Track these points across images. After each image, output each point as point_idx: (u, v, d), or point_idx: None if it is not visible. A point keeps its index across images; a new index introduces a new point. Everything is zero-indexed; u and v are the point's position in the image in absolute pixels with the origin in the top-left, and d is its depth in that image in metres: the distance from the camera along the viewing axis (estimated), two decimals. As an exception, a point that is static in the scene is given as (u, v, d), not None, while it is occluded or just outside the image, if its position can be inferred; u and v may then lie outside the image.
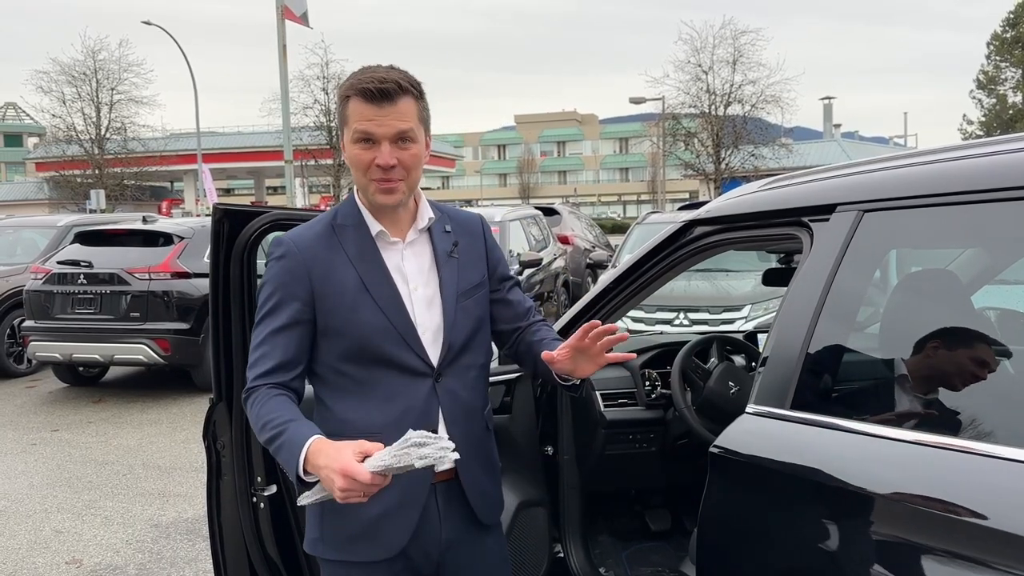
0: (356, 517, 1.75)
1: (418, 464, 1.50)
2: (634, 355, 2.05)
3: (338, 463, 1.51)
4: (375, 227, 1.81)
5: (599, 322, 1.71)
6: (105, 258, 7.92)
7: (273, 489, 2.45)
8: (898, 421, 1.68)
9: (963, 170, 1.65)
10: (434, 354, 1.81)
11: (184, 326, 7.69)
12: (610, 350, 1.73)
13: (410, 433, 1.53)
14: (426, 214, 1.86)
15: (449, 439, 1.57)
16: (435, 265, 1.85)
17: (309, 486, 1.59)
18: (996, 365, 1.93)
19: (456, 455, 1.53)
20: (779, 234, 2.05)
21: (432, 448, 1.51)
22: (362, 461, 1.52)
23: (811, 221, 1.89)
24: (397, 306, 1.78)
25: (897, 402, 1.72)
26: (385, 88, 1.70)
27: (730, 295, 7.40)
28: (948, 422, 1.60)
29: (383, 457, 1.52)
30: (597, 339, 1.69)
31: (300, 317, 1.77)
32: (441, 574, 1.88)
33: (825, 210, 1.86)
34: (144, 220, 8.92)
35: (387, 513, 1.77)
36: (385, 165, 1.72)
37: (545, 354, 1.76)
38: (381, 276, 1.79)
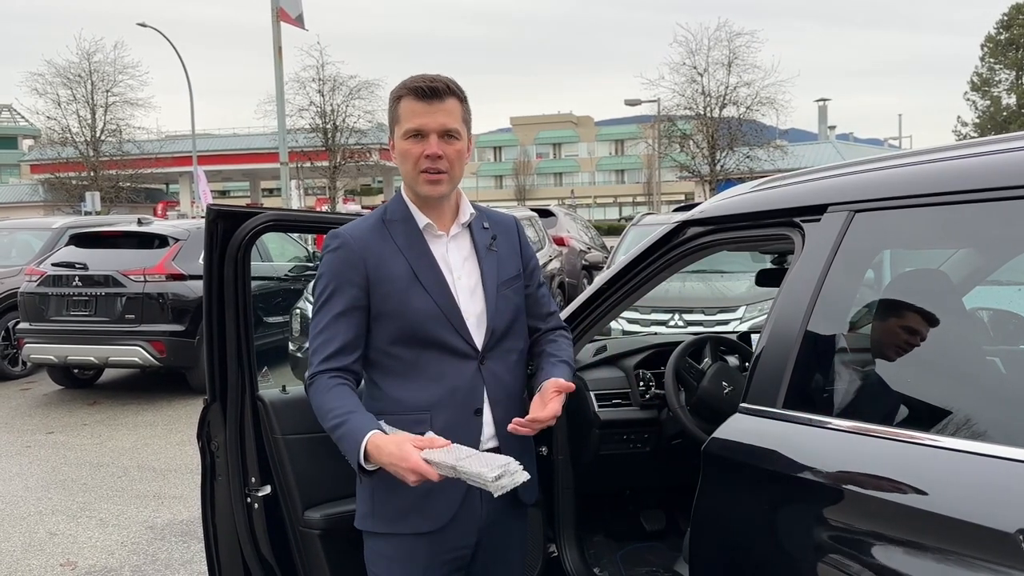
0: (407, 492, 1.85)
1: (495, 492, 1.65)
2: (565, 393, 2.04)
3: (407, 463, 1.68)
4: (422, 220, 1.95)
5: (560, 386, 1.91)
6: (100, 260, 7.92)
7: (267, 490, 2.45)
8: (889, 420, 1.69)
9: (954, 170, 1.65)
10: (479, 338, 1.93)
11: (179, 328, 7.69)
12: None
13: (486, 456, 1.70)
14: (467, 211, 2.01)
15: (493, 418, 1.91)
16: (476, 257, 1.99)
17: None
18: (987, 365, 1.95)
19: (526, 476, 1.70)
20: (771, 234, 2.06)
21: (508, 480, 1.65)
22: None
23: (802, 221, 1.90)
24: (444, 293, 1.91)
25: (888, 401, 1.73)
26: (435, 87, 1.87)
27: (725, 296, 7.41)
28: (941, 421, 1.61)
29: (446, 459, 1.68)
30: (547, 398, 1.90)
31: (357, 303, 1.89)
32: (477, 554, 1.99)
33: (816, 210, 1.87)
34: (139, 222, 8.91)
35: (435, 488, 1.86)
36: (432, 155, 1.87)
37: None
38: (429, 265, 1.93)
